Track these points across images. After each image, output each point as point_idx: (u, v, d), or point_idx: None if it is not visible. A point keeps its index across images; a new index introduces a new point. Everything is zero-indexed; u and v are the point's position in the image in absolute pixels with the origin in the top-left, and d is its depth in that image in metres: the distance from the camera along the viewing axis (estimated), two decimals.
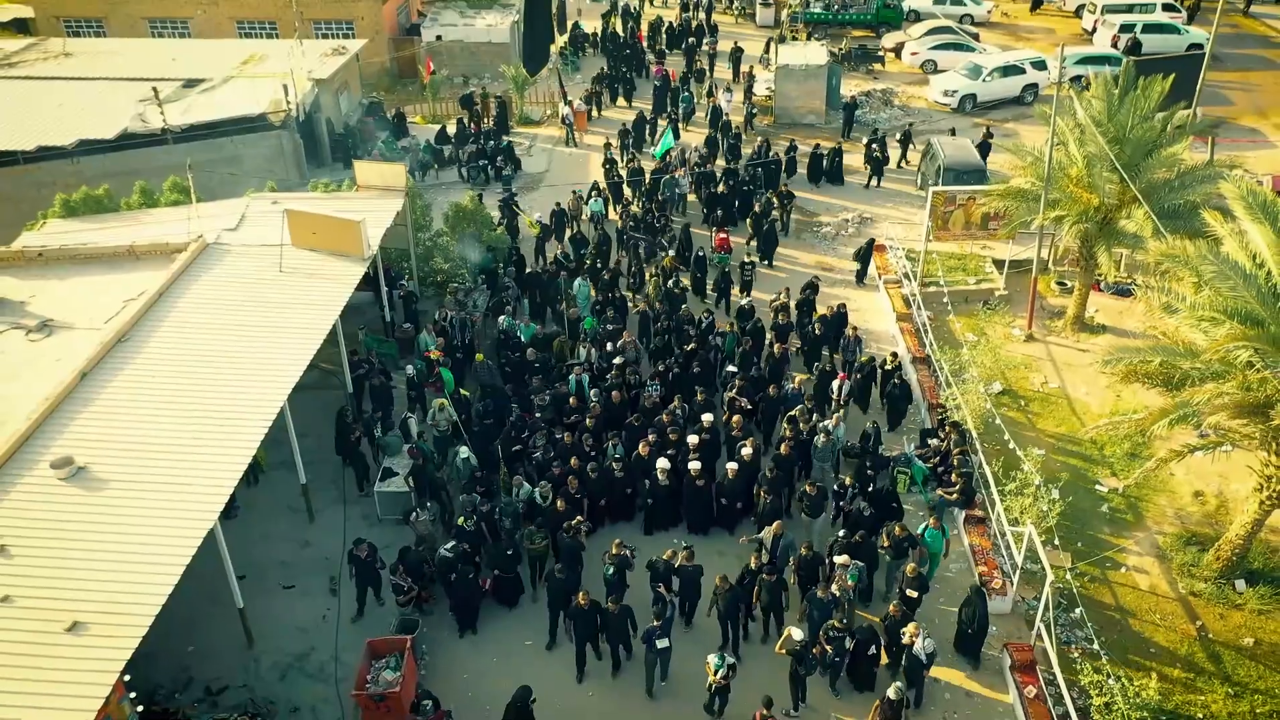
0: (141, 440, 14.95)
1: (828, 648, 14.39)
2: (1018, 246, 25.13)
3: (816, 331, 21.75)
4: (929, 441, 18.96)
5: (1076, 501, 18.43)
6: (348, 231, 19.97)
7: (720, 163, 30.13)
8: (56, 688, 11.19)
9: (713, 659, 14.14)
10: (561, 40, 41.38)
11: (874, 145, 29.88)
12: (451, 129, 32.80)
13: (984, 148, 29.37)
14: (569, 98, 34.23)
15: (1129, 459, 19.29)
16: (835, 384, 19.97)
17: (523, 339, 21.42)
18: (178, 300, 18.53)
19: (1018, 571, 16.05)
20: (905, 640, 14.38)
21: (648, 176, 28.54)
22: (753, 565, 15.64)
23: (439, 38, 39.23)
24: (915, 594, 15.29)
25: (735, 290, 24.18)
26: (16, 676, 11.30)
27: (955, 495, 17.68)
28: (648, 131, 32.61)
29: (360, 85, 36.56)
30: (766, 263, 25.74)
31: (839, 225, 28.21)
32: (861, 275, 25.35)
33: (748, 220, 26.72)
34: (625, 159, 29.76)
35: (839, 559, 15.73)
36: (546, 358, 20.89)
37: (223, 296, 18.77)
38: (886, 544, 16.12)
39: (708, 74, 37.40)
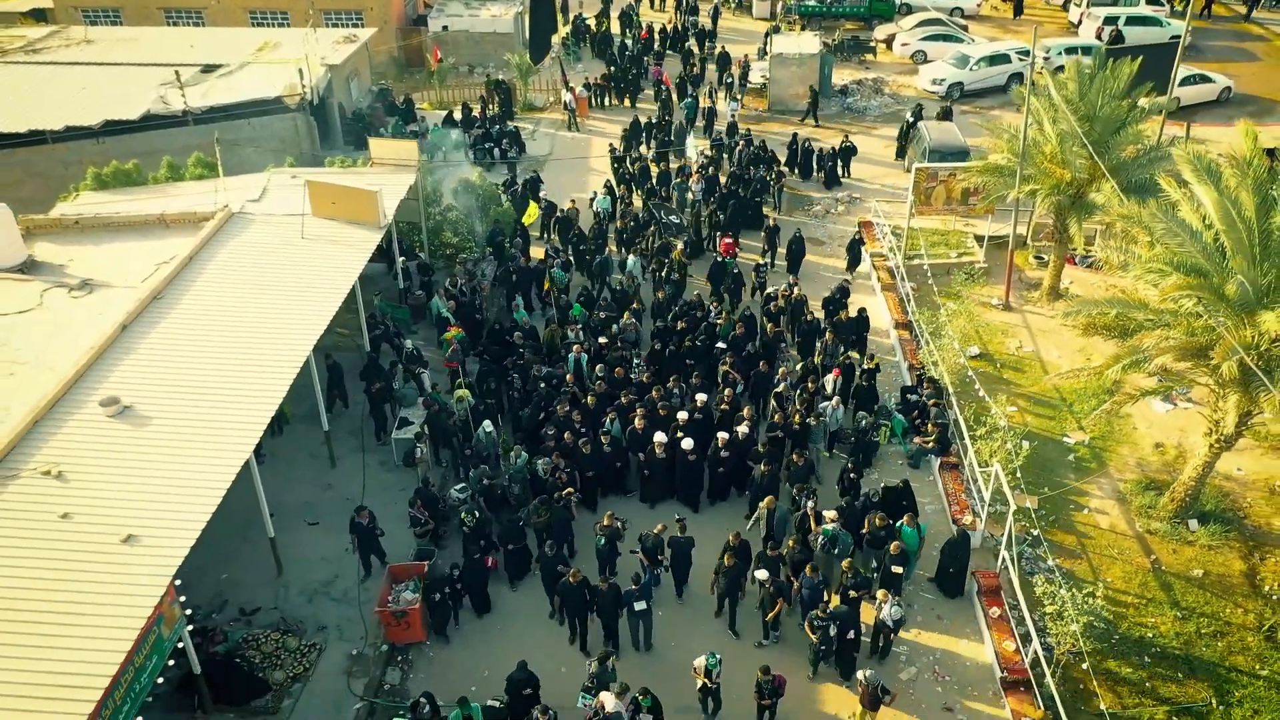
0: (180, 384, 16.24)
1: (814, 636, 14.94)
2: (997, 223, 26.48)
3: (808, 318, 22.31)
4: (908, 397, 20.30)
5: (1045, 453, 19.81)
6: (365, 201, 21.29)
7: (725, 168, 30.32)
8: (116, 589, 12.49)
9: (701, 662, 14.17)
10: (564, 30, 42.71)
11: (912, 119, 31.85)
12: (458, 114, 34.10)
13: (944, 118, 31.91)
14: (570, 84, 35.60)
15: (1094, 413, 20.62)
16: (829, 379, 20.40)
17: (517, 320, 22.46)
18: (207, 263, 19.83)
19: (985, 508, 17.39)
20: (875, 605, 15.25)
21: (654, 177, 29.19)
22: (731, 541, 16.01)
23: (445, 27, 40.56)
24: (899, 570, 15.98)
25: (747, 292, 24.41)
26: (80, 579, 12.58)
27: (931, 444, 19.07)
28: (644, 134, 32.63)
29: (370, 73, 37.86)
30: (793, 276, 24.78)
31: (829, 204, 29.55)
32: (854, 265, 25.84)
33: (762, 232, 26.40)
34: (630, 159, 30.33)
35: (828, 513, 16.77)
36: (535, 345, 21.56)
37: (249, 260, 20.08)
38: (864, 531, 16.64)
39: (703, 79, 37.84)
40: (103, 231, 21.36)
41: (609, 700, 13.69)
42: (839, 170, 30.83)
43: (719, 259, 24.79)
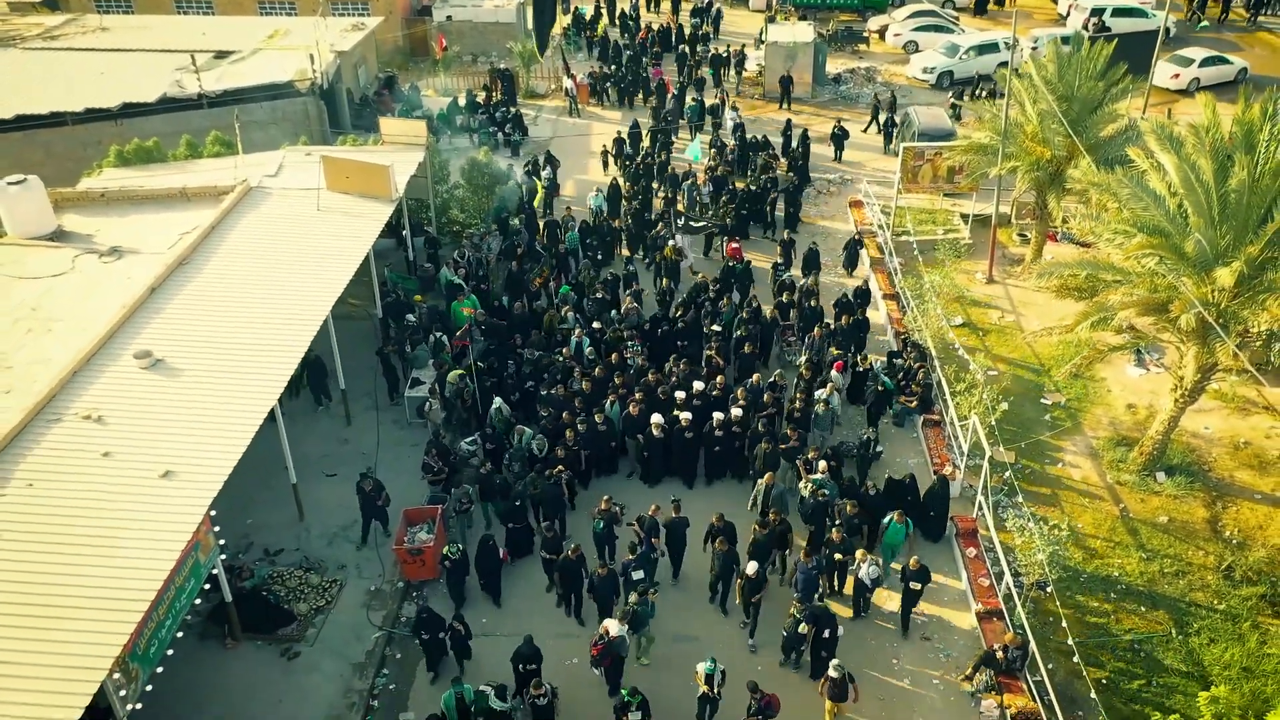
0: (207, 340, 17.24)
1: (784, 625, 15.00)
2: (981, 202, 27.58)
3: (811, 305, 22.51)
4: (894, 361, 21.37)
5: (1024, 413, 20.93)
6: (378, 175, 22.32)
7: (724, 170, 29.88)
8: (157, 516, 13.51)
9: (703, 667, 14.05)
10: (564, 21, 43.78)
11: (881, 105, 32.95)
12: (462, 100, 35.20)
13: (892, 103, 33.88)
14: (572, 72, 36.72)
15: (1071, 379, 21.72)
16: (834, 374, 20.58)
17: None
18: (228, 232, 20.84)
19: (964, 459, 18.49)
20: (854, 564, 15.86)
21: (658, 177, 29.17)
22: (715, 523, 16.35)
23: (449, 18, 41.66)
24: (919, 586, 15.54)
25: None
26: (124, 508, 13.60)
27: (914, 403, 20.16)
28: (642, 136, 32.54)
29: (376, 61, 38.93)
30: (811, 279, 24.18)
31: (822, 185, 30.67)
32: (851, 266, 26.03)
33: (778, 247, 25.91)
34: (622, 164, 30.38)
35: (821, 463, 17.65)
36: (498, 324, 22.14)
37: (268, 230, 21.08)
38: (838, 520, 16.76)
39: (708, 81, 38.02)
40: (127, 204, 22.38)
41: (613, 626, 14.69)
42: (806, 165, 30.95)
43: (728, 263, 24.67)
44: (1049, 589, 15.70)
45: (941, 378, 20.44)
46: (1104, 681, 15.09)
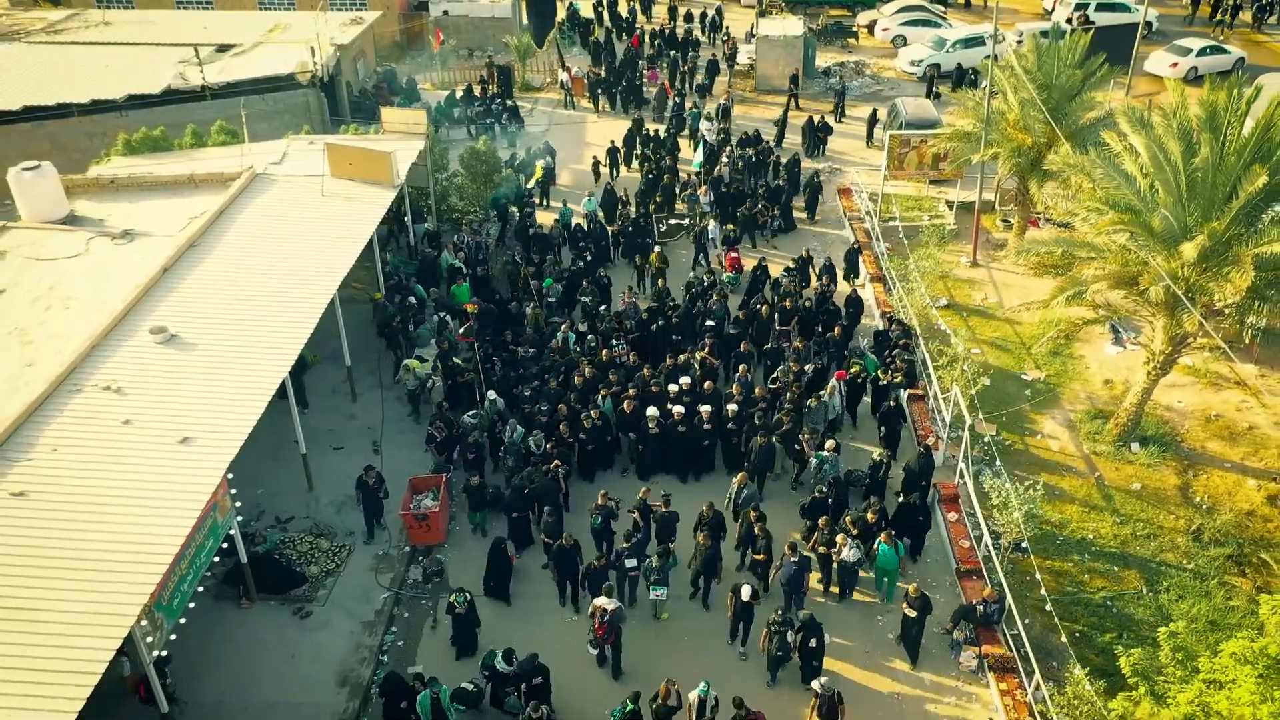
0: (219, 317, 17.90)
1: (771, 644, 14.79)
2: (966, 190, 28.37)
3: (806, 304, 22.80)
4: (880, 340, 22.16)
5: (1005, 388, 21.73)
6: (380, 162, 23.02)
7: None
8: (177, 479, 14.19)
9: (694, 695, 13.78)
10: (561, 14, 44.49)
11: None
12: (459, 94, 35.89)
13: (845, 92, 36.18)
14: (568, 66, 37.45)
15: (1051, 356, 22.56)
16: (833, 382, 20.34)
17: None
18: (236, 216, 21.51)
19: (946, 430, 19.28)
20: (835, 548, 16.14)
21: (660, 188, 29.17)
22: (705, 514, 16.53)
23: (445, 13, 42.36)
24: (915, 613, 15.30)
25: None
26: (145, 472, 14.28)
27: (899, 378, 20.94)
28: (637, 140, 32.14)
29: (374, 55, 39.61)
30: (827, 288, 23.92)
31: (812, 175, 31.43)
32: (853, 274, 25.99)
33: (792, 261, 25.37)
34: (615, 173, 30.83)
35: (829, 442, 18.15)
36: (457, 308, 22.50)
37: (274, 214, 21.77)
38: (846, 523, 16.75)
39: (708, 89, 37.77)
40: (136, 190, 23.03)
41: (607, 603, 15.12)
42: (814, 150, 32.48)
43: (756, 269, 24.47)
44: (1025, 546, 16.50)
45: (925, 354, 21.24)
46: (1077, 634, 15.89)
